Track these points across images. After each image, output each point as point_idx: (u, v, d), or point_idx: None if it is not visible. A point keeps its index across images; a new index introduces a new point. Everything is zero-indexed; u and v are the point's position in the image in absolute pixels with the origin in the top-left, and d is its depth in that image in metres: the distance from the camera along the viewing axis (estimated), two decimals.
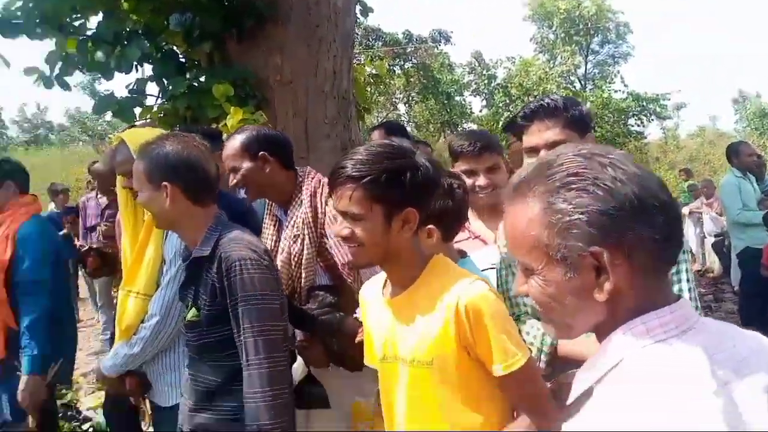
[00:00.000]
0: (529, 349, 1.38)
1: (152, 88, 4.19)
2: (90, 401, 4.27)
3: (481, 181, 2.08)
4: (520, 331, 1.45)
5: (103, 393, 4.51)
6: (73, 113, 36.28)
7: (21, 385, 2.45)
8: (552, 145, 1.47)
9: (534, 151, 1.59)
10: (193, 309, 1.66)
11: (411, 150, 1.33)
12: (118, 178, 2.11)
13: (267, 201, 2.23)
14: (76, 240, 5.45)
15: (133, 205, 2.10)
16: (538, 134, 1.61)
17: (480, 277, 1.39)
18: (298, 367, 2.02)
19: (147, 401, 2.31)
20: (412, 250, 1.34)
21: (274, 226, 2.20)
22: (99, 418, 3.95)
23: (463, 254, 1.77)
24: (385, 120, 11.54)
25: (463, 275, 1.33)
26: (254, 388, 1.52)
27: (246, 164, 2.04)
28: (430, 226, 1.46)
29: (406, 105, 21.22)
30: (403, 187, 1.26)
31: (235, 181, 2.07)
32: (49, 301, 2.55)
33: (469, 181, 1.98)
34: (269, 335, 1.55)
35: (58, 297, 2.63)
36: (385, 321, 1.39)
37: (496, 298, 1.31)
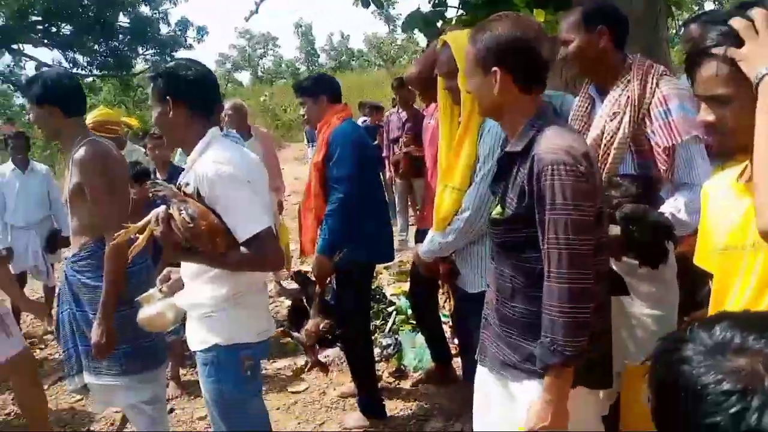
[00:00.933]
0: None
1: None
2: (389, 290, 4.89)
3: None
4: None
5: (401, 284, 5.15)
6: (370, 38, 39.56)
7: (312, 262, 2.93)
8: None
9: None
10: (498, 206, 1.63)
11: None
12: (439, 80, 2.26)
13: None
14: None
15: (450, 106, 2.24)
16: None
17: None
18: None
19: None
20: None
21: (587, 107, 2.15)
22: (400, 303, 4.50)
23: None
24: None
25: None
26: (552, 300, 1.45)
27: (582, 36, 2.01)
28: None
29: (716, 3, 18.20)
30: None
31: (566, 53, 2.05)
32: (350, 194, 2.83)
33: None
34: (575, 249, 1.43)
35: (361, 193, 2.90)
36: (737, 208, 1.24)
37: None
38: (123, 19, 22.79)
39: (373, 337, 3.64)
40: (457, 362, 3.61)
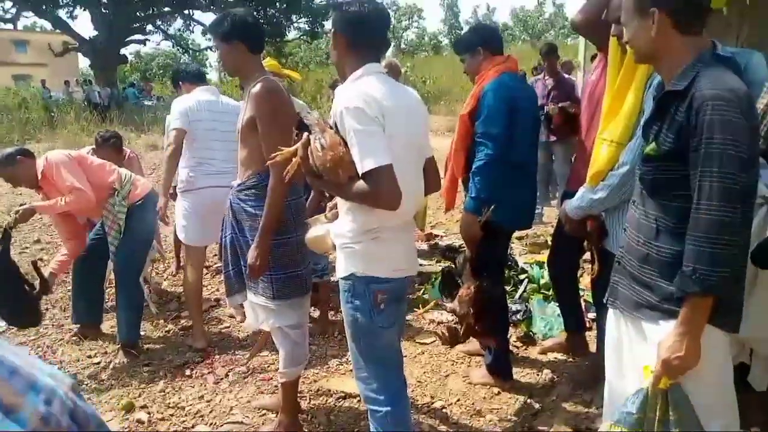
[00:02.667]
0: None
1: None
2: (521, 260, 4.81)
3: None
4: None
5: (533, 255, 5.05)
6: (517, 12, 38.35)
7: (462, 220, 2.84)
8: None
9: None
10: (654, 143, 1.61)
11: None
12: (613, 27, 2.16)
13: None
14: None
15: (619, 54, 2.14)
16: None
17: None
18: None
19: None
20: None
21: None
22: (533, 271, 4.42)
23: None
24: None
25: None
26: (698, 231, 1.46)
27: None
28: None
29: None
30: None
31: None
32: (497, 152, 2.71)
33: None
34: (726, 183, 1.43)
35: (512, 150, 2.76)
36: None
37: None
38: None
39: None
40: (589, 336, 3.51)
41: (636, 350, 1.69)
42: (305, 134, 1.99)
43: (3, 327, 4.08)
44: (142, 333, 3.97)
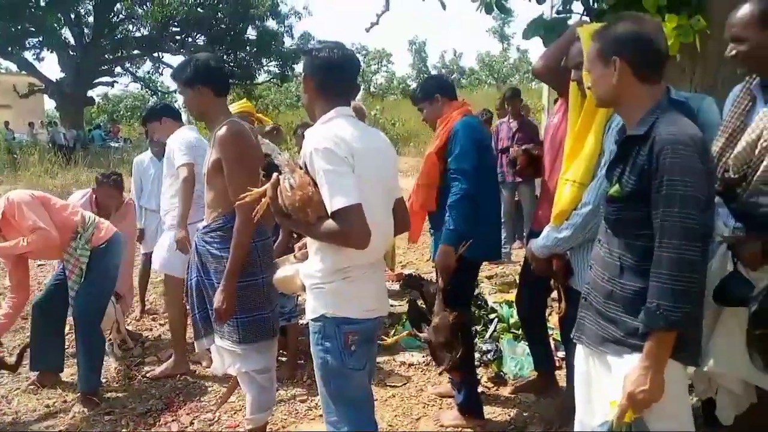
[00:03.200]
0: None
1: (577, 6, 4.25)
2: (491, 299, 4.83)
3: None
4: None
5: (502, 294, 5.08)
6: (483, 56, 39.50)
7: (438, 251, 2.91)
8: None
9: None
10: (617, 185, 1.67)
11: None
12: (572, 72, 2.25)
13: None
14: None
15: (579, 98, 2.22)
16: None
17: None
18: None
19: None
20: None
21: (747, 104, 2.06)
22: (502, 311, 4.44)
23: None
24: None
25: None
26: (661, 269, 1.52)
27: (759, 35, 1.95)
28: None
29: None
30: None
31: (734, 52, 2.00)
32: (471, 186, 2.82)
33: None
34: (687, 222, 1.50)
35: (479, 189, 2.88)
36: None
37: None
38: (251, 32, 24.36)
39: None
40: (559, 375, 3.52)
41: (603, 384, 1.72)
42: (275, 174, 2.00)
43: None
44: (103, 380, 3.83)
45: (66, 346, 4.00)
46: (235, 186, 2.44)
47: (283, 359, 3.95)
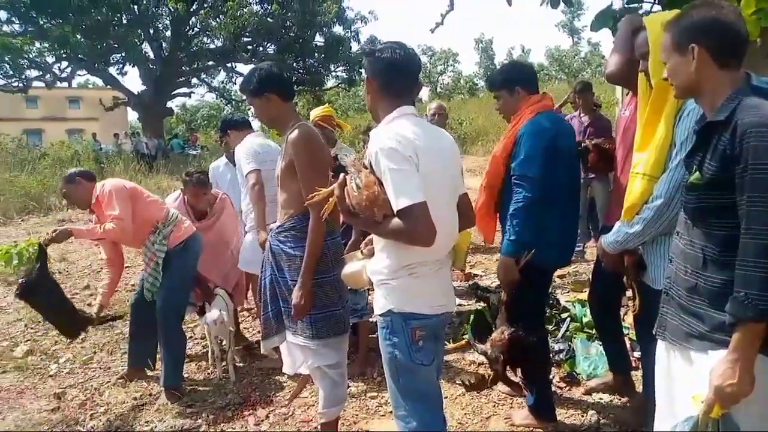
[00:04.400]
0: None
1: None
2: (563, 298, 4.73)
3: None
4: None
5: (575, 293, 4.96)
6: (552, 52, 38.55)
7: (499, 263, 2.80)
8: None
9: None
10: (697, 173, 1.62)
11: None
12: (640, 63, 2.19)
13: None
14: None
15: (647, 89, 2.16)
16: None
17: None
18: None
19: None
20: None
21: None
22: (575, 310, 4.34)
23: None
24: None
25: None
26: (747, 256, 1.45)
27: None
28: None
29: None
30: None
31: None
32: (535, 194, 2.67)
33: None
34: None
35: (550, 193, 2.71)
36: None
37: None
38: (319, 39, 24.86)
39: None
40: (635, 375, 3.41)
41: (686, 380, 1.66)
42: (342, 175, 2.06)
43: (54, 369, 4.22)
44: (185, 375, 4.04)
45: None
46: (307, 186, 2.51)
47: (355, 356, 4.03)
